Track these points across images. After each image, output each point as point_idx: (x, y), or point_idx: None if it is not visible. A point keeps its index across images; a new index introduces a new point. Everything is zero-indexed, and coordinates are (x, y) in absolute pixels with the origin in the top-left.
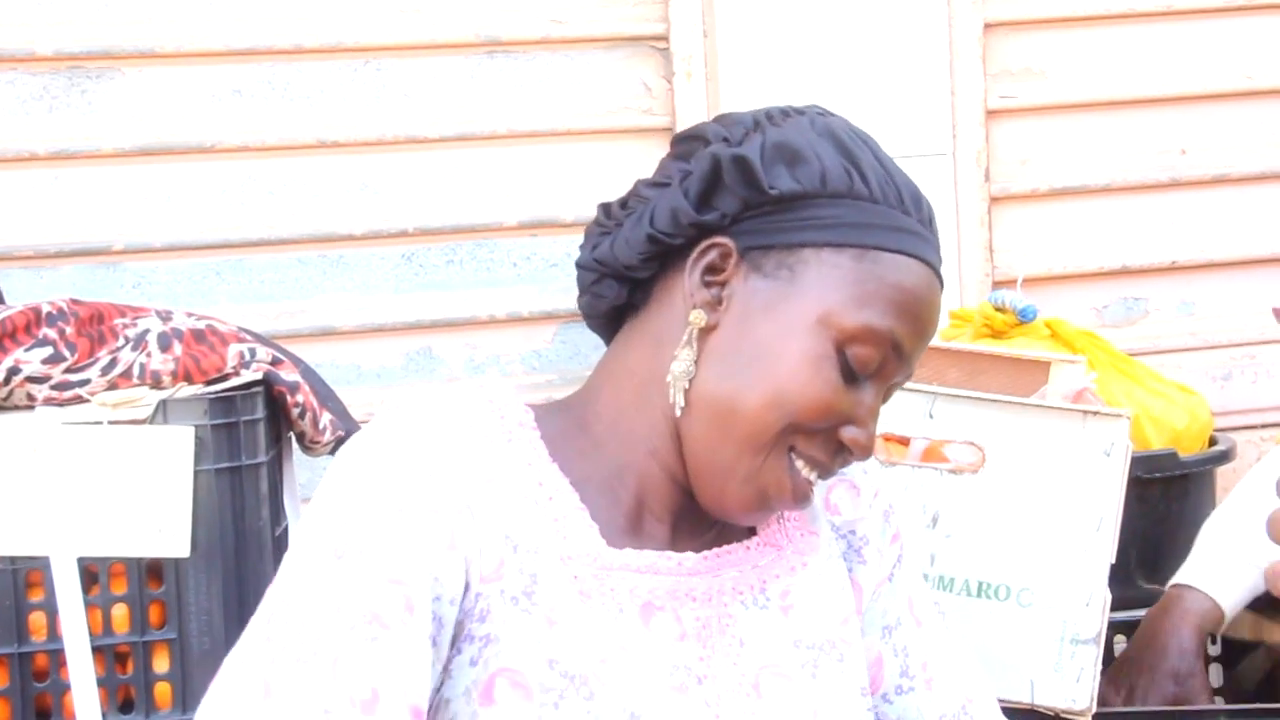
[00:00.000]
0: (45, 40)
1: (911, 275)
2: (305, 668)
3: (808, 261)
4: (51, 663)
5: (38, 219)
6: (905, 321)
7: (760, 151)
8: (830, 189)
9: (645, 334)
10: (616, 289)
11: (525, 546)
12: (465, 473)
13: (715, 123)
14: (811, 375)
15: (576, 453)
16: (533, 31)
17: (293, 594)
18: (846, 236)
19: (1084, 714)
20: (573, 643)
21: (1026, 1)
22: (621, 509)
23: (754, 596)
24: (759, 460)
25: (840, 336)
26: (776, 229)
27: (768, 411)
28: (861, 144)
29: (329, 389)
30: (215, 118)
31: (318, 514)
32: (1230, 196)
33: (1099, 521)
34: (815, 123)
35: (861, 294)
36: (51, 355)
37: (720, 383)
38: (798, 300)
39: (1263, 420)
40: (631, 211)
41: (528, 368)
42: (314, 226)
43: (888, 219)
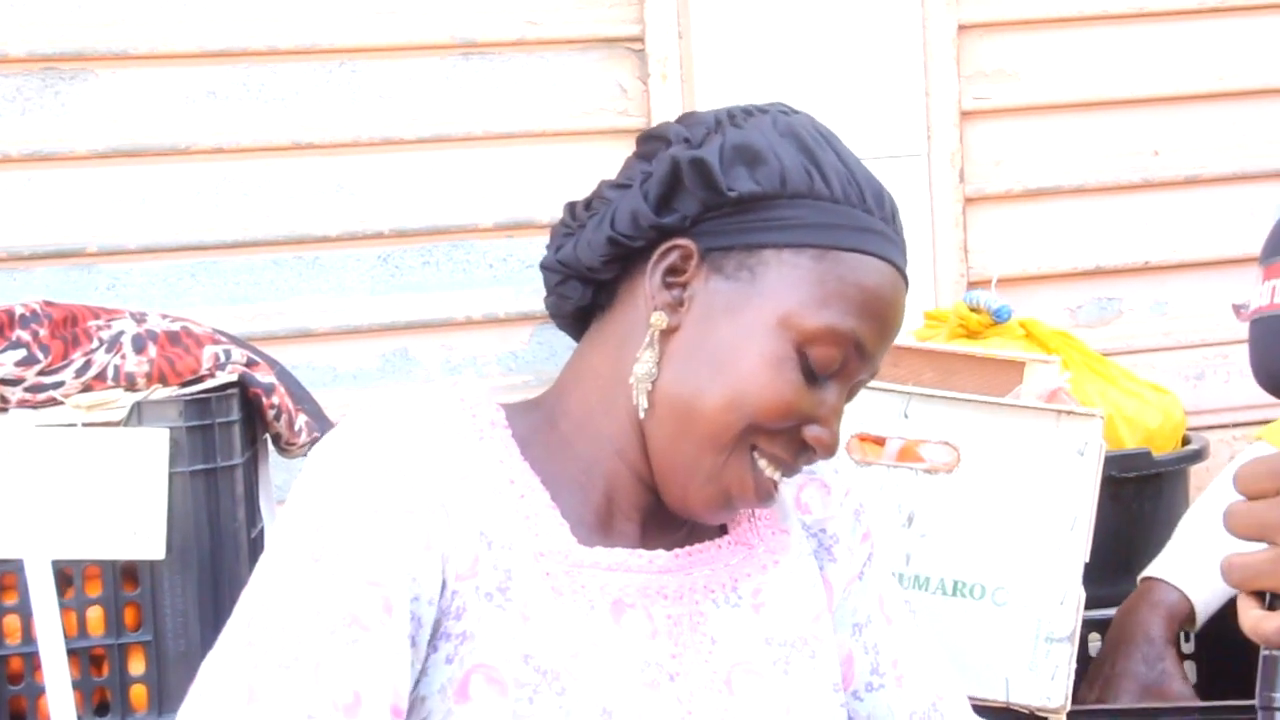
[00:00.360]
0: (18, 41)
1: (873, 275)
2: (288, 673)
3: (768, 263)
4: (26, 665)
5: (11, 221)
6: (867, 321)
7: (719, 153)
8: (790, 190)
9: (610, 335)
10: (581, 290)
11: (499, 543)
12: (439, 472)
13: (678, 123)
14: (772, 376)
15: (547, 451)
16: (508, 33)
17: (273, 597)
18: (807, 237)
19: (1059, 712)
20: (546, 638)
21: (1000, 3)
22: (591, 507)
23: (725, 595)
24: (720, 459)
25: (801, 337)
26: (737, 230)
27: (728, 412)
28: (824, 143)
29: (304, 391)
30: (190, 119)
31: (293, 516)
32: (1202, 197)
33: (1073, 520)
34: (777, 122)
35: (822, 295)
36: (25, 358)
37: (682, 384)
38: (758, 301)
39: (1235, 419)
40: (595, 213)
41: (504, 368)
42: (289, 228)
43: (849, 219)
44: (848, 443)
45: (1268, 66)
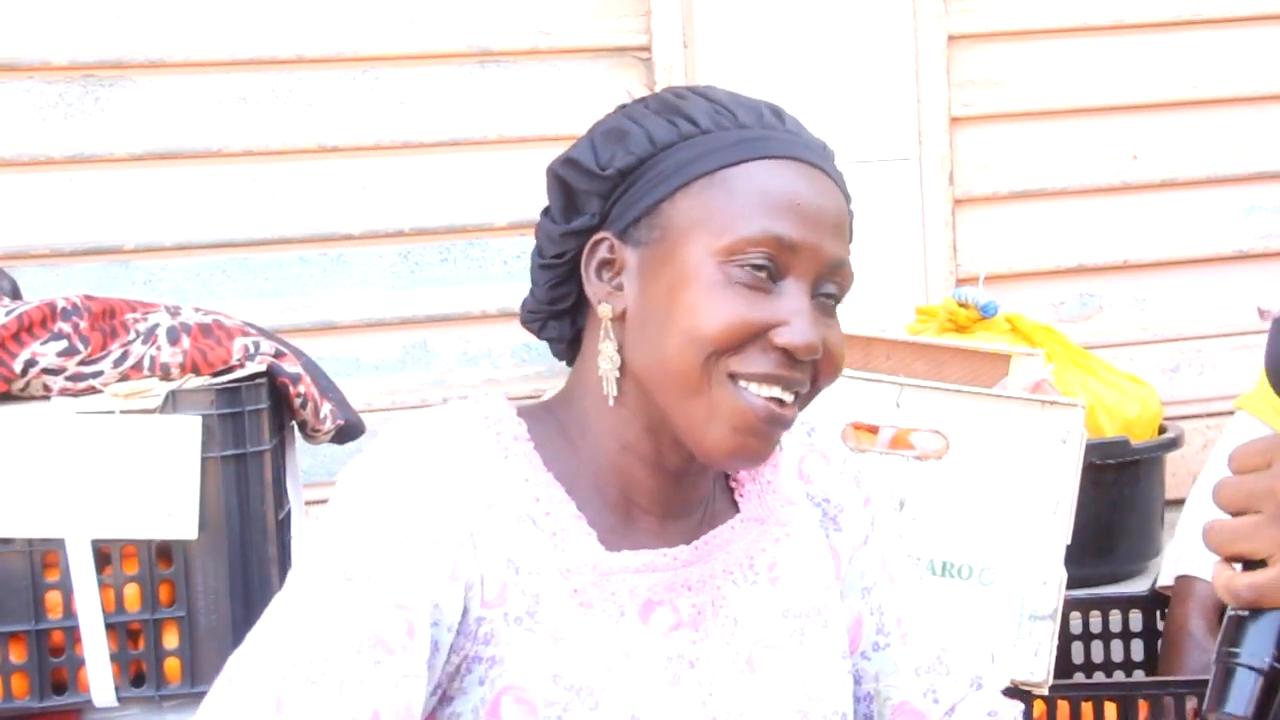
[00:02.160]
0: (60, 51)
1: (763, 174)
2: (314, 688)
3: (668, 213)
4: (67, 639)
5: (53, 220)
6: (779, 217)
7: (589, 146)
8: (660, 144)
9: (588, 347)
10: (559, 327)
11: (526, 568)
12: (468, 501)
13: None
14: (710, 302)
15: (563, 456)
16: (522, 42)
17: (304, 611)
18: (689, 173)
19: (1041, 686)
20: (577, 657)
21: (988, 16)
22: (612, 506)
23: (744, 574)
24: (705, 399)
25: (722, 257)
26: (635, 200)
27: (685, 351)
28: (689, 94)
29: (329, 380)
30: (221, 124)
31: (327, 532)
32: (1179, 199)
33: (1056, 505)
34: (649, 101)
35: (725, 215)
36: (66, 348)
37: (646, 352)
38: (677, 247)
39: (1208, 410)
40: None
41: (518, 360)
42: (315, 226)
43: (723, 140)
44: (842, 430)
45: (1239, 76)
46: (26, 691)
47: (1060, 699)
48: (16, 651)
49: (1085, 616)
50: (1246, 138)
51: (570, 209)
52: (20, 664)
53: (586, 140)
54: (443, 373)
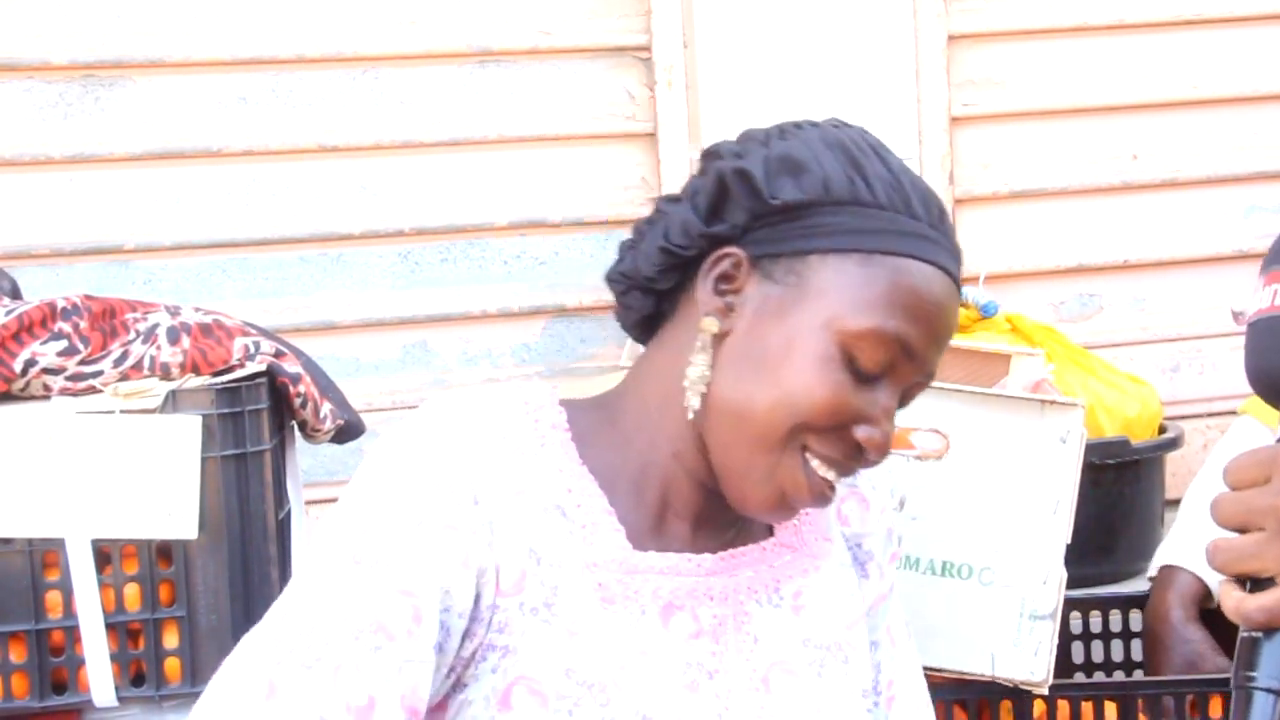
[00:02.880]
0: (60, 50)
1: (918, 277)
2: (309, 673)
3: (815, 267)
4: (67, 639)
5: (53, 219)
6: (913, 323)
7: (764, 164)
8: (834, 196)
9: (670, 342)
10: (642, 300)
11: (549, 559)
12: (493, 488)
13: (735, 139)
14: (819, 376)
15: (605, 450)
16: (522, 42)
17: (308, 595)
18: (851, 242)
19: (1041, 685)
20: (592, 652)
21: (988, 16)
22: (647, 507)
23: (768, 595)
24: (773, 460)
25: (847, 339)
26: (784, 237)
27: (776, 411)
28: (870, 152)
29: (329, 380)
30: (221, 123)
31: (345, 513)
32: (1179, 199)
33: (1055, 504)
34: (825, 134)
35: (867, 297)
36: (66, 348)
37: (734, 386)
38: (806, 305)
39: (1209, 409)
40: (652, 226)
41: (517, 360)
42: (315, 226)
43: (894, 224)
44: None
45: (1239, 76)
46: (26, 691)
47: (1060, 699)
48: (16, 651)
49: (1085, 616)
50: (1246, 138)
51: (718, 212)
52: (20, 664)
53: (761, 153)
54: (443, 373)
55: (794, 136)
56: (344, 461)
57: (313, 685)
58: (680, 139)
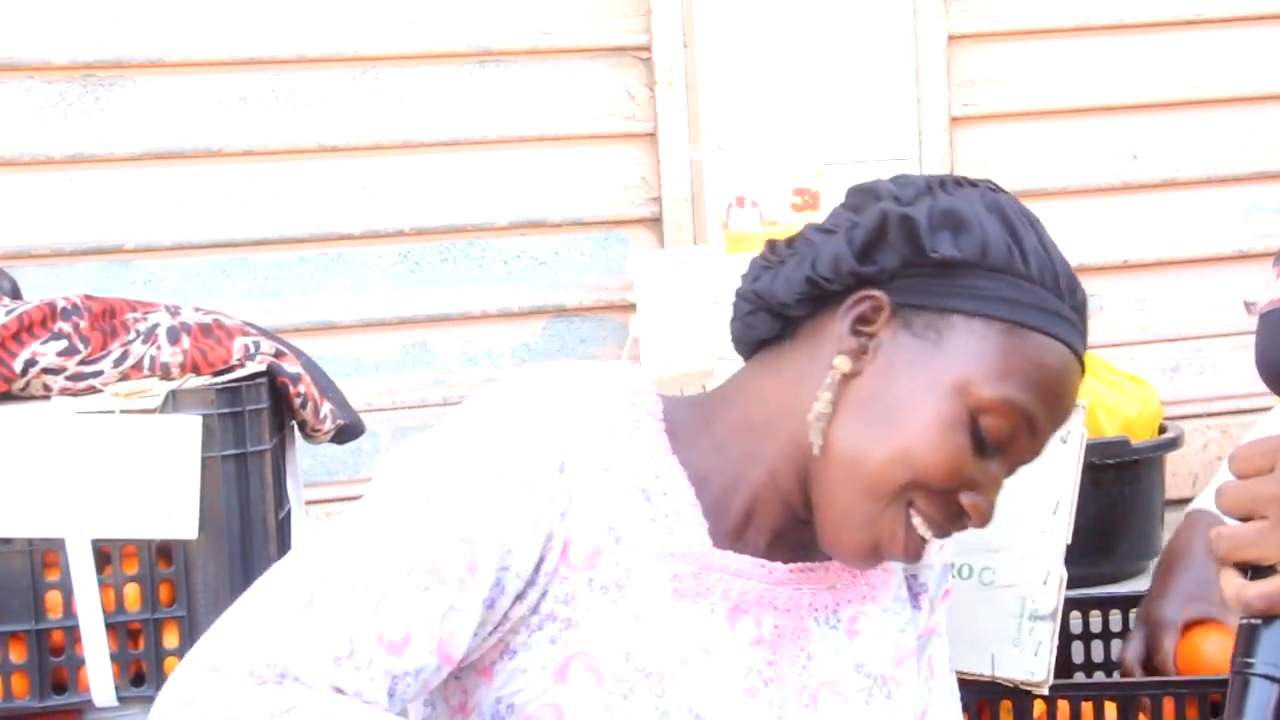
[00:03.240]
0: (60, 50)
1: (1055, 357)
2: (353, 596)
3: (957, 327)
4: (67, 639)
5: (53, 219)
6: (1042, 400)
7: (928, 214)
8: (990, 261)
9: (787, 366)
10: (769, 322)
11: (627, 540)
12: (583, 460)
13: (890, 181)
14: (943, 438)
15: (698, 451)
16: (522, 42)
17: (374, 522)
18: (999, 310)
19: (1041, 686)
20: (656, 641)
21: (987, 16)
22: (729, 516)
23: (826, 616)
24: (877, 509)
25: (977, 405)
26: (932, 291)
27: (893, 465)
28: (1027, 224)
29: (329, 380)
30: (221, 123)
31: (429, 450)
32: (1179, 199)
33: (1056, 504)
34: (985, 196)
35: (1005, 367)
36: (66, 348)
37: (854, 429)
38: (941, 363)
39: (1209, 409)
40: (796, 252)
41: (518, 360)
42: (315, 226)
43: (1041, 300)
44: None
45: (1239, 76)
46: (26, 691)
47: (1060, 699)
48: (16, 651)
49: (1085, 616)
50: (1246, 138)
51: (871, 253)
52: (20, 664)
53: (927, 203)
54: (443, 373)
55: (956, 193)
56: (344, 461)
57: (352, 608)
58: (680, 139)
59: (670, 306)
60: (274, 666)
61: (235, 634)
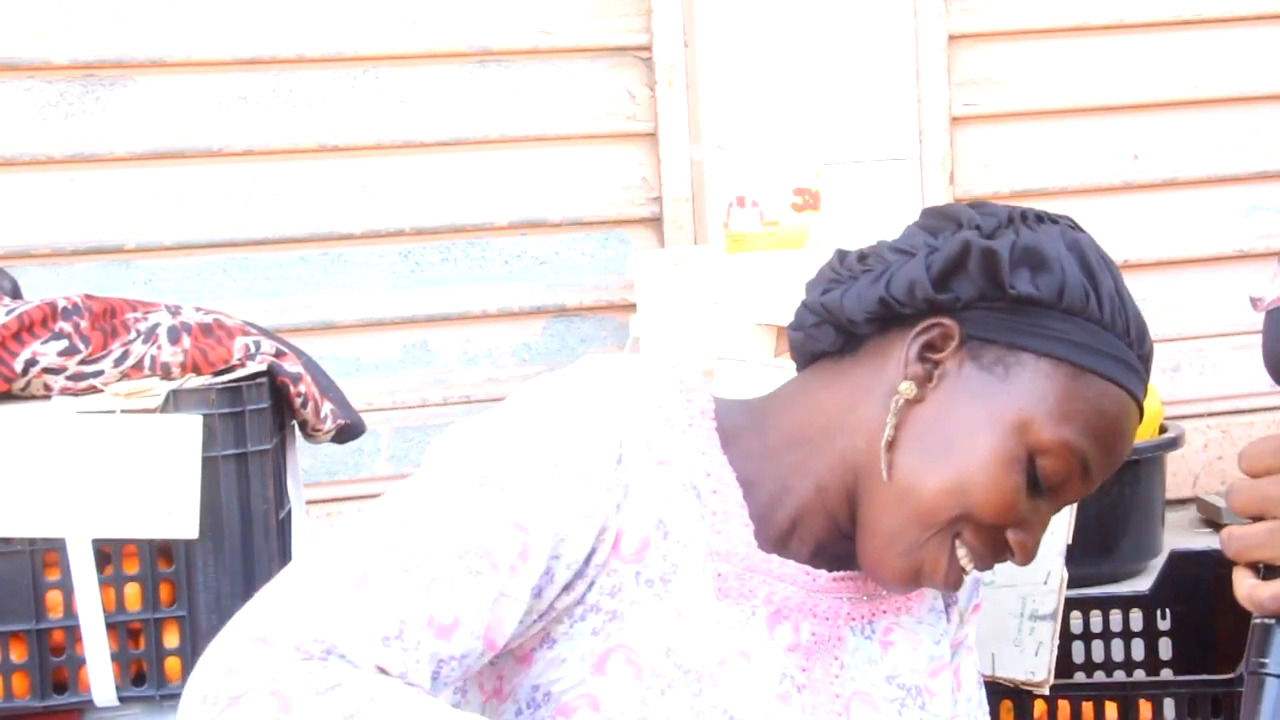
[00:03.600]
0: (61, 50)
1: (1118, 405)
2: (405, 576)
3: (1024, 365)
4: (67, 638)
5: (54, 219)
6: (1099, 446)
7: (1010, 249)
8: (1065, 303)
9: (846, 382)
10: (833, 337)
11: (675, 536)
12: (638, 452)
13: (972, 209)
14: (1000, 474)
15: (749, 454)
16: (523, 42)
17: (425, 502)
18: (1069, 353)
19: (1042, 685)
20: (697, 639)
21: (988, 15)
22: (775, 524)
23: (862, 626)
24: (925, 537)
25: (1036, 445)
26: (1004, 327)
27: (948, 496)
28: (1105, 267)
29: (330, 380)
30: (222, 123)
31: (486, 432)
32: (1179, 199)
33: None
34: (1065, 235)
35: (1068, 410)
36: (67, 348)
37: (911, 456)
38: (1005, 399)
39: (1209, 409)
40: (869, 269)
41: (518, 360)
42: (315, 226)
43: (1111, 347)
44: None
45: (1239, 76)
46: (27, 691)
47: (1060, 699)
48: (17, 651)
49: (1085, 616)
50: (1247, 138)
51: (948, 280)
52: (21, 663)
53: (1009, 237)
54: (443, 372)
55: (1039, 229)
56: (344, 461)
57: (404, 588)
58: (680, 139)
59: (670, 306)
60: (321, 642)
61: (284, 606)
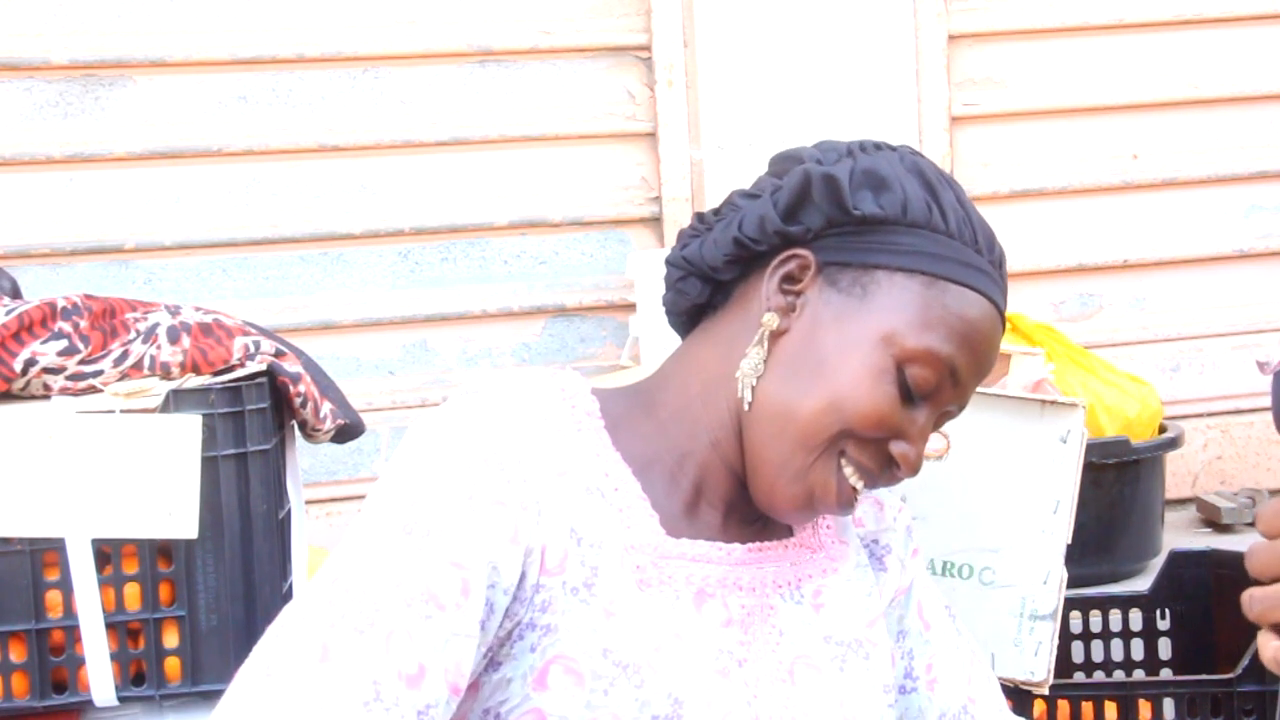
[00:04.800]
0: (60, 49)
1: (976, 309)
2: (362, 638)
3: (880, 282)
4: (67, 638)
5: (53, 219)
6: (964, 351)
7: (850, 174)
8: (910, 218)
9: (720, 333)
10: (699, 288)
11: (589, 540)
12: (538, 467)
13: (813, 147)
14: (871, 387)
15: (640, 437)
16: (523, 42)
17: (360, 562)
18: (919, 264)
19: (1042, 685)
20: (629, 633)
21: (988, 15)
22: (680, 495)
23: (790, 592)
24: (810, 460)
25: (902, 355)
26: (855, 249)
27: (825, 415)
28: (945, 184)
29: (329, 380)
30: (222, 123)
31: (392, 486)
32: (1179, 199)
33: (1056, 504)
34: (905, 159)
35: (927, 319)
36: (66, 348)
37: (784, 384)
38: (866, 316)
39: (1209, 409)
40: (723, 217)
41: (518, 359)
42: (315, 226)
43: (960, 254)
44: None
45: (1239, 76)
46: (26, 691)
47: (1060, 699)
48: (16, 651)
49: (1085, 616)
50: (1246, 138)
51: (795, 213)
52: (20, 663)
53: (847, 164)
54: (443, 372)
55: (877, 155)
56: (344, 461)
57: (366, 650)
58: (680, 139)
59: None
60: None
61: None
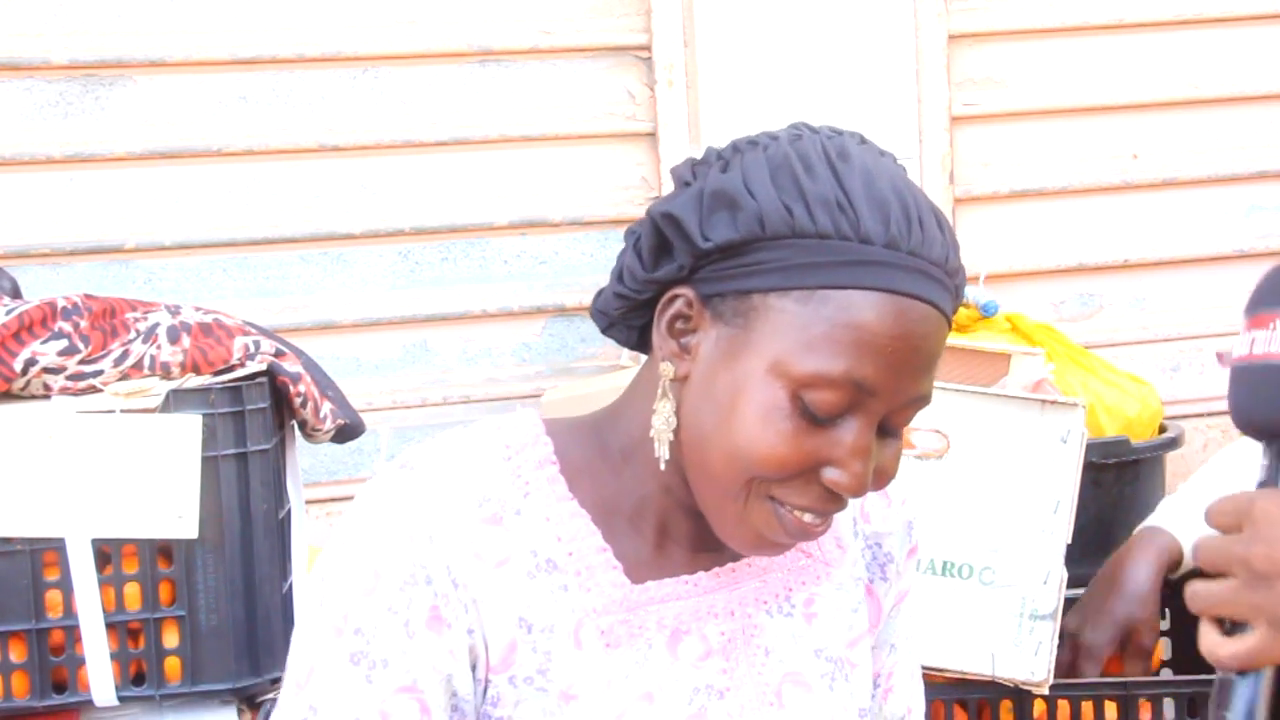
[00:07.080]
0: (60, 49)
1: (869, 310)
2: None
3: (757, 308)
4: (67, 638)
5: (53, 219)
6: (867, 360)
7: (697, 202)
8: (770, 231)
9: (648, 377)
10: (626, 334)
11: (539, 625)
12: (472, 565)
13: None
14: (762, 429)
15: (598, 482)
16: (523, 41)
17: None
18: (789, 279)
19: (1041, 685)
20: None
21: (988, 15)
22: (645, 538)
23: (778, 604)
24: (739, 505)
25: (792, 384)
26: (728, 276)
27: (730, 466)
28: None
29: (329, 379)
30: (222, 123)
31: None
32: (1179, 198)
33: (1056, 504)
34: (772, 156)
35: (808, 339)
36: (67, 348)
37: (694, 432)
38: (751, 350)
39: (1209, 409)
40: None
41: (518, 359)
42: (315, 226)
43: (837, 253)
44: None
45: (1239, 76)
46: (27, 690)
47: (1060, 699)
48: (17, 651)
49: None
50: (1246, 138)
51: (660, 258)
52: (20, 663)
53: (695, 194)
54: (443, 372)
55: (735, 165)
56: (344, 461)
57: None
58: (680, 139)
59: None
60: None
61: None
